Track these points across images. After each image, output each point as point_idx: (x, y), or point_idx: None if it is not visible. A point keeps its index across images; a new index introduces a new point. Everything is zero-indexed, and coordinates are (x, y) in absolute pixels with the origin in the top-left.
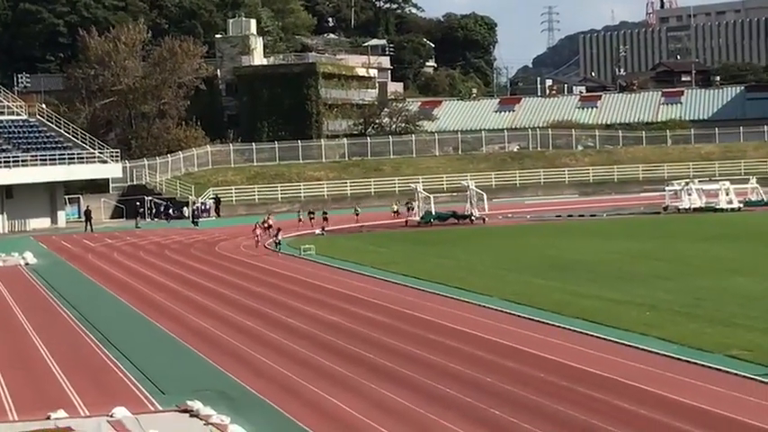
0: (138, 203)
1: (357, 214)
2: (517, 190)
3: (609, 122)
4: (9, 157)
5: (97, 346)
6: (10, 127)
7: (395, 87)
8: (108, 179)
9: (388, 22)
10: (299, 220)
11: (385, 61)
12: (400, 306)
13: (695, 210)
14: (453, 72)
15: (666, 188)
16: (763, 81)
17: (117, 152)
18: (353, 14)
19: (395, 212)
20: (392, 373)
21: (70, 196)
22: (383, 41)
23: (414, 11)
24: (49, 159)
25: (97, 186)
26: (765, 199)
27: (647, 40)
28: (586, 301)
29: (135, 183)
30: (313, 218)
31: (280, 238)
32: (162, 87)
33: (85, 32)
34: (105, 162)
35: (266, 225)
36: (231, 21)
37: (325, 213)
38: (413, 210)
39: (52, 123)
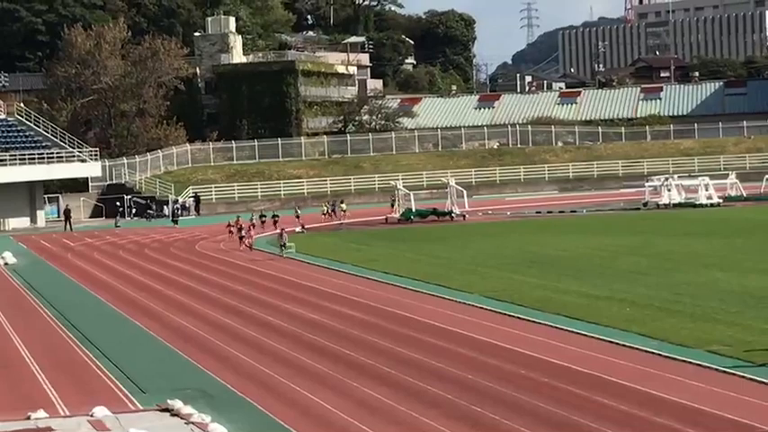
0: (117, 202)
1: (297, 216)
2: (497, 186)
3: (588, 118)
4: None
5: (77, 345)
6: None
7: (374, 84)
8: (87, 178)
9: (368, 19)
10: (252, 224)
11: (364, 58)
12: (381, 303)
13: (675, 205)
14: (433, 69)
15: (646, 184)
16: (742, 77)
17: (96, 151)
18: (333, 12)
19: (324, 214)
20: (373, 371)
21: (49, 195)
22: (362, 39)
23: (393, 8)
24: (28, 158)
25: (76, 185)
26: (744, 194)
27: (626, 36)
28: (567, 297)
29: (114, 182)
30: (264, 220)
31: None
32: (142, 86)
33: (70, 30)
34: (85, 161)
35: (238, 226)
36: (210, 19)
37: (275, 216)
38: (341, 212)
39: (31, 122)
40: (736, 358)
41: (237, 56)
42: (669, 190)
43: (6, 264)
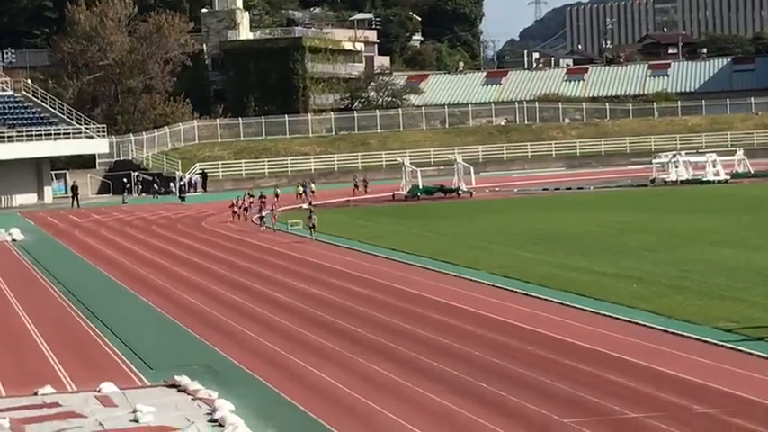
0: (124, 179)
1: (276, 195)
2: (504, 163)
3: (596, 95)
4: None
5: (84, 321)
6: None
7: (381, 61)
8: (94, 155)
9: None
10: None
11: (371, 35)
12: (387, 280)
13: (682, 182)
14: (440, 46)
15: (654, 160)
16: (750, 53)
17: (103, 128)
18: None
19: (298, 194)
20: (379, 347)
21: (56, 172)
22: (370, 15)
23: None
24: (36, 135)
25: (84, 162)
26: (752, 171)
27: (633, 12)
28: (574, 273)
29: (121, 158)
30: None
31: (264, 213)
32: (148, 62)
33: (74, 6)
34: (92, 137)
35: (243, 206)
36: None
37: (262, 196)
38: (311, 192)
39: (38, 99)
40: (742, 335)
41: (244, 32)
42: (676, 167)
43: (14, 240)
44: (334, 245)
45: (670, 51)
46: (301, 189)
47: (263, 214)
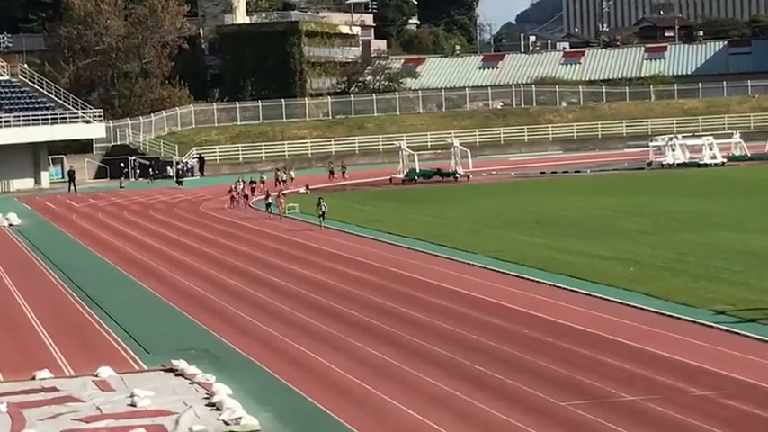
0: (121, 164)
1: (262, 182)
2: (501, 147)
3: (592, 78)
4: None
5: (82, 306)
6: None
7: (378, 45)
8: (91, 139)
9: None
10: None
11: (368, 19)
12: (385, 264)
13: (679, 165)
14: (437, 29)
15: (650, 144)
16: (747, 36)
17: (100, 112)
18: None
19: (278, 181)
20: (377, 331)
21: (53, 156)
22: None
23: None
24: (32, 120)
25: (81, 146)
26: (748, 154)
27: None
28: (571, 256)
29: (118, 143)
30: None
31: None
32: (144, 46)
33: None
34: (88, 122)
35: (243, 194)
36: None
37: (252, 182)
38: (290, 179)
39: (35, 84)
40: (739, 317)
41: (241, 16)
42: (673, 150)
43: (11, 225)
44: (331, 229)
45: (666, 34)
46: (282, 175)
47: (270, 201)
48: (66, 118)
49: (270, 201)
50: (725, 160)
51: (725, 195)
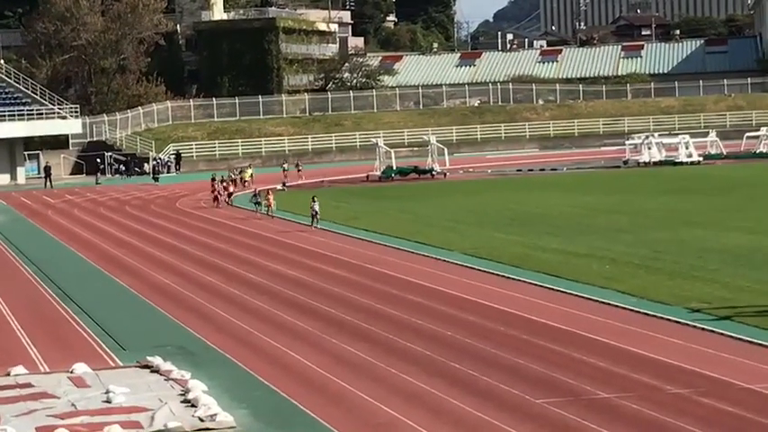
0: (98, 159)
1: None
2: (478, 144)
3: (569, 77)
4: None
5: (57, 302)
6: None
7: (356, 42)
8: (68, 135)
9: None
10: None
11: (345, 16)
12: (361, 261)
13: (655, 163)
14: (414, 26)
15: (627, 142)
16: (723, 35)
17: (77, 108)
18: None
19: (231, 180)
20: (353, 328)
21: (30, 152)
22: None
23: None
24: (8, 115)
25: (57, 142)
26: (724, 152)
27: None
28: (546, 254)
29: (95, 139)
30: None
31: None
32: (122, 42)
33: None
34: (65, 118)
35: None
36: None
37: (223, 180)
38: (249, 179)
39: (11, 79)
40: (714, 315)
41: (218, 13)
42: (649, 148)
43: None
44: (308, 225)
45: (643, 33)
46: (233, 175)
47: (259, 199)
48: (42, 114)
49: (259, 199)
50: (701, 159)
51: (701, 193)
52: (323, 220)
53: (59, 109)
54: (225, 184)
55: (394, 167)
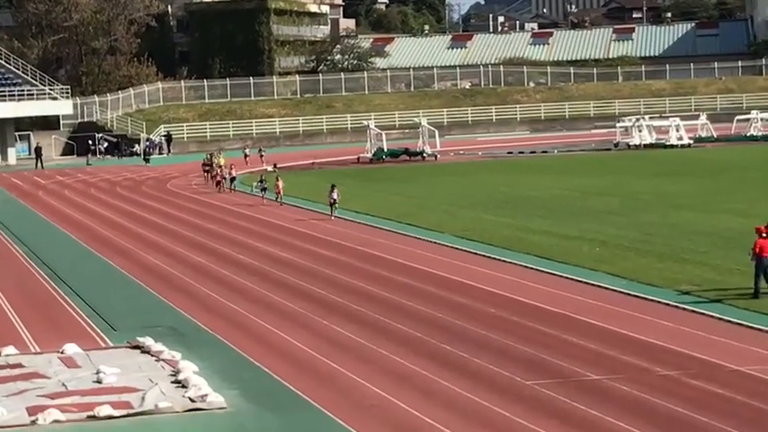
0: (89, 141)
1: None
2: (469, 127)
3: (560, 59)
4: None
5: (48, 282)
6: None
7: (347, 24)
8: (59, 116)
9: None
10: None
11: None
12: (352, 242)
13: (646, 146)
14: (405, 8)
15: (617, 124)
16: (714, 18)
17: (68, 89)
18: None
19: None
20: (343, 309)
21: (20, 133)
22: None
23: None
24: None
25: (48, 123)
26: (715, 135)
27: None
28: (537, 236)
29: (86, 120)
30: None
31: (234, 174)
32: (113, 23)
33: None
34: (56, 99)
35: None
36: None
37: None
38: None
39: (2, 59)
40: (704, 298)
41: None
42: (640, 131)
43: None
44: (299, 207)
45: (634, 15)
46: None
47: (265, 185)
48: (33, 94)
49: (265, 185)
50: (691, 141)
51: (691, 176)
52: (312, 201)
53: (50, 90)
54: (231, 168)
55: (385, 149)
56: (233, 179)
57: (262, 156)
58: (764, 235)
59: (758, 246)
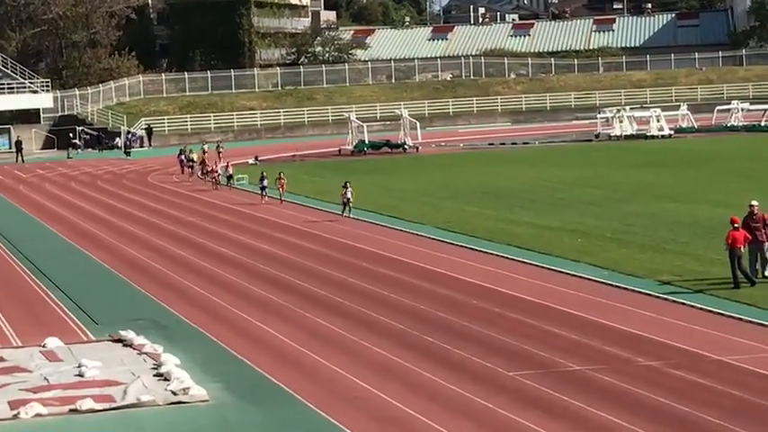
0: (69, 134)
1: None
2: (450, 118)
3: (541, 50)
4: None
5: (29, 276)
6: None
7: (328, 16)
8: (39, 109)
9: None
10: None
11: None
12: (334, 235)
13: (627, 137)
14: (386, 0)
15: (598, 115)
16: (695, 8)
17: (47, 82)
18: None
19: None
20: (325, 302)
21: (0, 127)
22: None
23: None
24: None
25: (28, 117)
26: (696, 126)
27: None
28: (519, 228)
29: (66, 113)
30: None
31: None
32: (92, 16)
33: None
34: (36, 92)
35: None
36: None
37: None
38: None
39: None
40: (685, 288)
41: None
42: (621, 121)
43: None
44: (280, 199)
45: (615, 6)
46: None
47: (265, 183)
48: (13, 88)
49: (265, 183)
50: (672, 132)
51: (672, 167)
52: (295, 194)
53: (30, 83)
54: (227, 165)
55: (366, 142)
56: (230, 177)
57: (220, 152)
58: (737, 226)
59: (731, 237)
